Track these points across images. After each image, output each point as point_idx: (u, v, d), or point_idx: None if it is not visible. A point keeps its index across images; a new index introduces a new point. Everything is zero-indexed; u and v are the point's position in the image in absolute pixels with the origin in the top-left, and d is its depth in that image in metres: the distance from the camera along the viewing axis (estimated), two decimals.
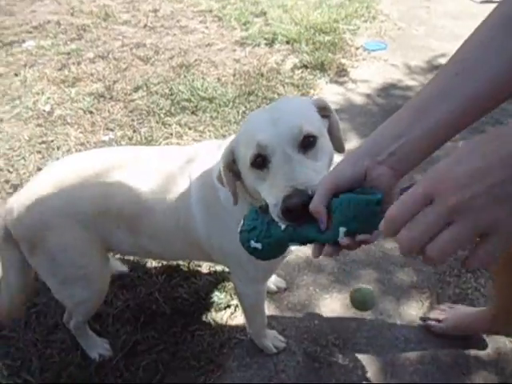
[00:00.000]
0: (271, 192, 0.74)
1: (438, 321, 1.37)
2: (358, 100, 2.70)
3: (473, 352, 1.33)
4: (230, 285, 1.53)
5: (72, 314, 1.28)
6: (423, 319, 1.42)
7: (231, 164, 0.88)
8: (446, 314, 1.38)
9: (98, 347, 1.36)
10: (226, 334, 1.40)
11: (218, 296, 1.49)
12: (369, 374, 1.29)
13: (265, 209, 0.73)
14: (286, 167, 0.74)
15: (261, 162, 0.78)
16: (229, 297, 1.50)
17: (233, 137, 0.93)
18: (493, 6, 0.60)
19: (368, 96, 2.74)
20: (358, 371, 1.30)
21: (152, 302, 1.50)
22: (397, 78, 2.93)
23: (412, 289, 1.54)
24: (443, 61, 3.10)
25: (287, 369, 1.32)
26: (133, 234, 1.12)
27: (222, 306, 1.47)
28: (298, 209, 0.65)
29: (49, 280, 1.16)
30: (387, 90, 2.80)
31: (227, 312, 1.46)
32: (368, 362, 1.32)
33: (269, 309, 1.47)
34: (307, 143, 0.78)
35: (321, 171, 0.77)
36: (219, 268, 1.60)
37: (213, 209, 1.03)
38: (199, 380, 1.28)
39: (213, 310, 1.46)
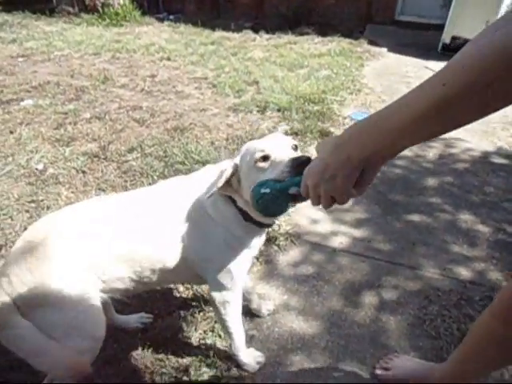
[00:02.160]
0: (276, 168, 1.00)
1: (386, 369, 1.42)
2: None
3: None
4: (220, 358, 1.45)
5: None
6: (372, 371, 1.44)
7: (230, 176, 1.12)
8: (392, 362, 1.43)
9: None
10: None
11: (207, 373, 1.41)
12: None
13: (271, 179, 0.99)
14: (285, 154, 1.02)
15: (264, 158, 1.05)
16: (219, 374, 1.41)
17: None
18: None
19: None
20: None
21: (136, 379, 1.40)
22: None
23: None
24: None
25: None
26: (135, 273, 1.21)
27: None
28: (303, 161, 0.91)
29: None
30: None
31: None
32: None
33: None
34: (294, 149, 1.10)
35: None
36: (209, 341, 1.53)
37: (198, 223, 1.20)
38: None
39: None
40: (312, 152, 2.91)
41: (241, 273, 1.27)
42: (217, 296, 1.29)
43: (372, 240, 2.09)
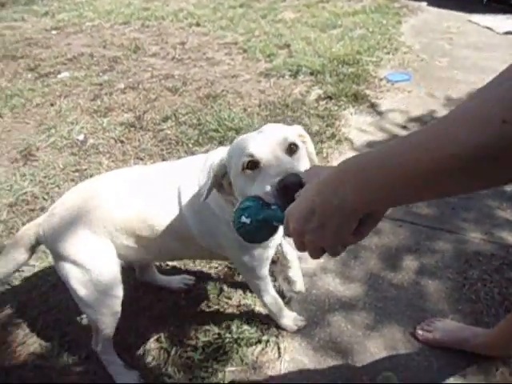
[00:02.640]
0: (264, 182, 0.83)
1: (427, 331, 1.44)
2: (384, 131, 2.71)
3: None
4: (259, 319, 1.52)
5: (96, 331, 1.31)
6: (412, 332, 1.48)
7: (220, 177, 1.01)
8: (434, 324, 1.45)
9: (128, 377, 1.36)
10: (257, 370, 1.38)
11: (248, 331, 1.48)
12: None
13: (258, 198, 0.80)
14: (276, 164, 0.86)
15: (252, 165, 0.89)
16: (259, 332, 1.48)
17: (217, 151, 1.17)
18: None
19: (393, 127, 2.75)
20: None
21: (183, 335, 1.49)
22: (421, 108, 2.94)
23: None
24: (466, 91, 3.11)
25: None
26: (137, 242, 1.24)
27: (253, 341, 1.46)
28: (293, 186, 0.73)
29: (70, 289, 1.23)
30: (412, 121, 2.81)
31: (258, 347, 1.45)
32: None
33: (300, 345, 1.45)
34: (292, 150, 0.93)
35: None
36: (249, 301, 1.59)
37: (202, 214, 1.16)
38: None
39: (243, 344, 1.45)
40: (347, 117, 2.84)
41: (262, 262, 1.25)
42: (245, 276, 1.32)
43: (411, 205, 2.06)
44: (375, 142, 2.59)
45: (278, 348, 1.44)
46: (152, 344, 1.48)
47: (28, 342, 1.51)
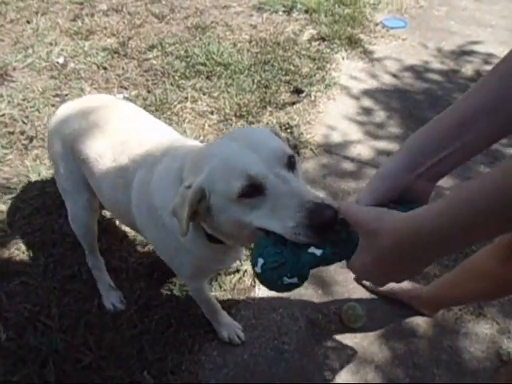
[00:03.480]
0: (279, 216, 0.68)
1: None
2: (374, 78, 2.69)
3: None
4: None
5: (84, 248, 1.45)
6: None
7: (196, 205, 0.78)
8: None
9: (113, 297, 1.45)
10: (234, 296, 1.49)
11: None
12: (365, 343, 1.40)
13: (277, 238, 0.67)
14: (286, 187, 0.70)
15: (252, 191, 0.72)
16: (238, 262, 1.57)
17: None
18: None
19: (384, 75, 2.73)
20: (355, 339, 1.41)
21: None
22: (414, 58, 2.91)
23: None
24: (459, 43, 3.08)
25: (290, 332, 1.42)
26: (90, 176, 1.19)
27: (232, 270, 1.55)
28: (331, 221, 0.62)
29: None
30: (404, 70, 2.79)
31: (236, 276, 1.54)
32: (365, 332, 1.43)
33: None
34: (291, 163, 0.77)
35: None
36: None
37: (152, 215, 0.99)
38: (208, 336, 1.38)
39: (222, 273, 1.54)
40: (339, 61, 2.78)
41: (197, 279, 1.19)
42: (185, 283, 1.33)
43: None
44: (365, 89, 2.58)
45: (255, 277, 1.54)
46: (135, 267, 1.55)
47: (13, 261, 1.56)
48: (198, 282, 1.22)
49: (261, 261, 0.63)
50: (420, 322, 1.46)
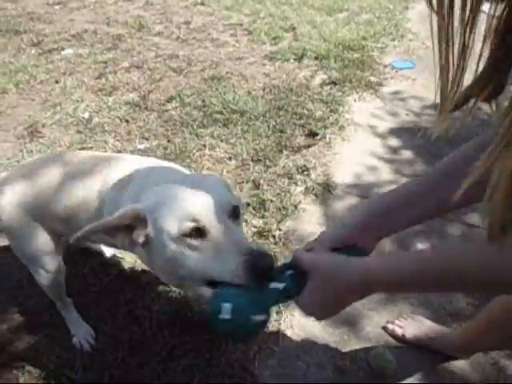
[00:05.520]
0: (220, 259, 0.74)
1: (398, 326, 1.48)
2: (387, 118, 2.74)
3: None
4: None
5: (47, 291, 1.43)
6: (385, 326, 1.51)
7: (128, 220, 0.82)
8: (405, 321, 1.48)
9: (82, 335, 1.47)
10: (258, 343, 1.45)
11: None
12: None
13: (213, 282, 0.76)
14: (227, 234, 0.76)
15: (196, 232, 0.77)
16: None
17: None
18: None
19: (396, 114, 2.78)
20: None
21: (188, 309, 1.56)
22: (424, 96, 2.96)
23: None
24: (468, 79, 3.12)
25: (317, 381, 1.36)
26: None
27: None
28: (267, 266, 0.72)
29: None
30: (415, 108, 2.84)
31: None
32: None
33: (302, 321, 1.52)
34: (236, 213, 0.84)
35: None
36: None
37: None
38: None
39: None
40: (351, 103, 2.86)
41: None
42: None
43: None
44: (378, 129, 2.62)
45: (279, 323, 1.51)
46: (158, 316, 1.55)
47: (39, 312, 1.58)
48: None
49: (228, 306, 0.66)
50: (456, 366, 1.39)
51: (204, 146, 2.44)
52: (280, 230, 1.87)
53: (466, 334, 1.33)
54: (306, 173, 2.22)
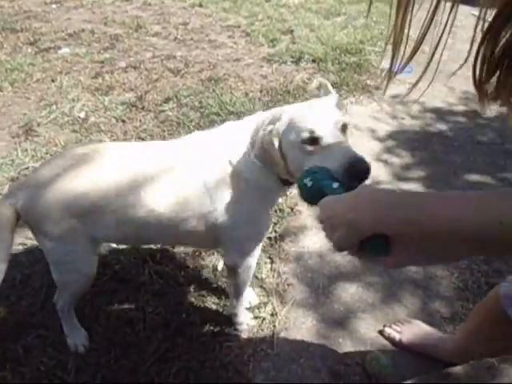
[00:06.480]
0: (330, 158, 0.92)
1: (396, 331, 1.47)
2: (383, 122, 2.75)
3: None
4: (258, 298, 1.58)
5: (61, 293, 1.37)
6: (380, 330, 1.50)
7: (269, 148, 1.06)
8: (403, 326, 1.47)
9: (78, 337, 1.43)
10: (253, 345, 1.44)
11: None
12: None
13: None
14: (337, 142, 0.95)
15: (311, 141, 0.98)
16: (257, 310, 1.54)
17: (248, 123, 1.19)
18: None
19: (392, 118, 2.79)
20: None
21: (182, 311, 1.55)
22: (422, 100, 2.97)
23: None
24: (464, 83, 3.15)
25: None
26: (120, 224, 1.18)
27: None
28: (363, 171, 0.88)
29: (47, 259, 1.27)
30: (412, 113, 2.85)
31: (255, 324, 1.51)
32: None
33: (294, 323, 1.52)
34: (344, 128, 1.03)
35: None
36: None
37: (233, 187, 1.16)
38: None
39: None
40: (347, 107, 2.87)
41: (264, 237, 1.31)
42: (239, 262, 1.29)
43: None
44: (375, 132, 2.63)
45: (274, 326, 1.50)
46: (152, 318, 1.53)
47: (31, 313, 1.56)
48: (255, 255, 1.31)
49: (309, 179, 0.81)
50: (451, 370, 1.39)
51: None
52: (276, 231, 1.87)
53: (459, 340, 1.33)
54: None
